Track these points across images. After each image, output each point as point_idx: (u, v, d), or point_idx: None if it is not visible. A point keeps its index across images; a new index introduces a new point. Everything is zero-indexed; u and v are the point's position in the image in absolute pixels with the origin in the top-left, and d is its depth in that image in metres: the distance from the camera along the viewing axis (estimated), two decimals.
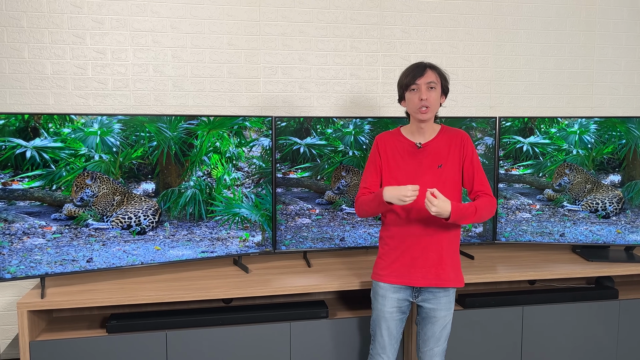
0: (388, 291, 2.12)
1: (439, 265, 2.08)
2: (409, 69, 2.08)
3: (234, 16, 2.83)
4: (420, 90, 2.03)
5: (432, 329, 2.13)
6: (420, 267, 2.08)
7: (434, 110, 2.07)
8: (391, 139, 2.16)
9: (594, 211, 2.84)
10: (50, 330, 2.35)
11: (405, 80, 2.07)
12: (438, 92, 2.07)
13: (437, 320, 2.12)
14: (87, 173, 2.29)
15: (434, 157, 2.09)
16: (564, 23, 3.20)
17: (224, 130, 2.53)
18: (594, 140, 2.81)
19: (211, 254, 2.55)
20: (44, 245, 2.25)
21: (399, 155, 2.12)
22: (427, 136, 2.12)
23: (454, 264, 2.12)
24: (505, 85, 3.17)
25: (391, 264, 2.12)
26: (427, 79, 2.03)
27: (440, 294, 2.10)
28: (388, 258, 2.13)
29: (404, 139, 2.14)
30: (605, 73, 3.26)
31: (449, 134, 2.13)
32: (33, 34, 2.63)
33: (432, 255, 2.07)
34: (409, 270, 2.09)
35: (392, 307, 2.12)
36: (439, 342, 2.14)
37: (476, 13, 3.10)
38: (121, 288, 2.35)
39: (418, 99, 2.03)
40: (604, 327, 2.66)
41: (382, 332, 2.14)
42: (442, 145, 2.10)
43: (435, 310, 2.11)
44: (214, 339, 2.33)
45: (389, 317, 2.13)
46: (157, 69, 2.77)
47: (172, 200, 2.46)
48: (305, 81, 2.94)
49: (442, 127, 2.15)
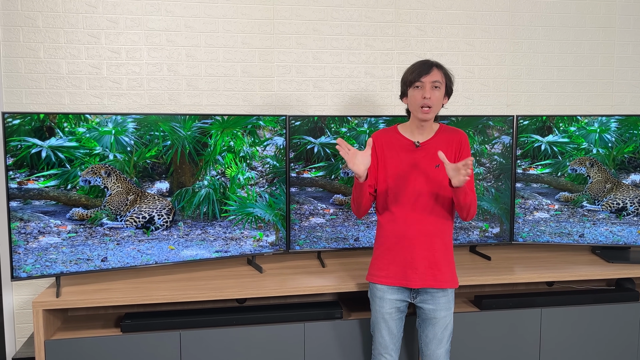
0: (386, 293, 2.11)
1: (435, 266, 2.06)
2: (415, 66, 2.05)
3: (248, 15, 2.84)
4: (424, 89, 1.99)
5: (433, 330, 2.11)
6: (416, 268, 2.05)
7: (435, 111, 2.04)
8: (388, 136, 2.13)
9: (614, 211, 2.80)
10: (65, 329, 2.37)
11: (410, 76, 2.03)
12: (442, 92, 2.04)
13: (437, 321, 2.10)
14: (107, 166, 2.30)
15: (431, 157, 2.06)
16: (583, 19, 3.16)
17: (237, 130, 2.53)
18: (614, 139, 2.77)
19: (225, 253, 2.55)
20: (59, 244, 2.27)
21: (395, 153, 2.09)
22: (426, 135, 2.09)
23: (449, 265, 2.10)
24: (523, 83, 3.14)
25: (387, 265, 2.10)
26: (433, 78, 2.00)
27: (438, 295, 2.08)
28: (384, 259, 2.11)
29: (401, 137, 2.11)
30: (626, 70, 3.21)
31: (447, 134, 2.10)
32: (48, 34, 2.65)
33: (427, 256, 2.05)
34: (405, 271, 2.07)
35: (390, 308, 2.11)
36: (441, 343, 2.11)
37: (493, 10, 3.07)
38: (135, 287, 2.36)
39: (421, 97, 2.00)
40: (625, 330, 2.62)
41: (382, 332, 2.13)
42: (440, 144, 2.07)
43: (435, 311, 2.09)
44: (228, 339, 2.34)
45: (388, 318, 2.12)
46: (171, 68, 2.79)
47: (186, 200, 2.47)
48: (320, 80, 2.94)
49: (441, 127, 2.12)
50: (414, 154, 2.07)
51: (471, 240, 2.82)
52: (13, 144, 2.17)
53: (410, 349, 2.46)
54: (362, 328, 2.44)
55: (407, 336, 2.41)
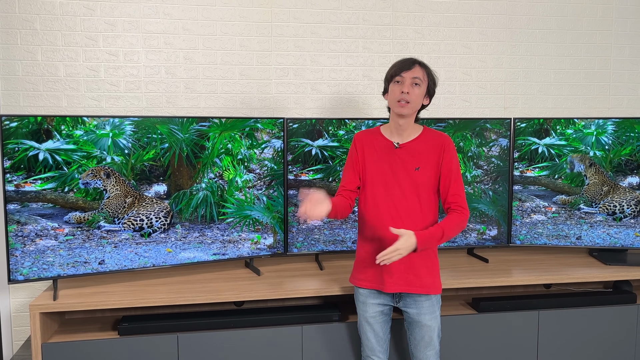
0: (368, 297, 2.10)
1: (411, 270, 2.03)
2: (397, 62, 2.04)
3: (245, 17, 2.85)
4: (403, 84, 1.97)
5: (420, 333, 2.09)
6: (393, 272, 2.03)
7: (413, 107, 1.99)
8: (370, 137, 2.11)
9: (611, 214, 2.82)
10: (62, 332, 2.37)
11: (391, 71, 2.02)
12: (422, 90, 2.01)
13: (422, 325, 2.08)
14: (106, 168, 2.31)
15: (411, 159, 2.03)
16: (580, 22, 3.18)
17: (235, 132, 2.54)
18: (611, 142, 2.79)
19: (223, 256, 2.56)
20: (56, 247, 2.27)
21: (375, 154, 2.07)
22: (406, 136, 2.05)
23: (429, 270, 2.06)
24: (520, 86, 3.15)
25: (366, 268, 2.09)
26: (414, 74, 1.98)
27: (421, 299, 2.06)
28: (363, 262, 2.11)
29: (382, 137, 2.09)
30: (623, 73, 3.23)
31: (430, 137, 2.06)
32: (46, 37, 2.66)
33: (405, 260, 1.96)
34: (382, 275, 2.05)
35: (374, 312, 2.11)
36: (429, 345, 2.09)
37: (490, 13, 3.09)
38: (133, 290, 2.36)
39: (399, 91, 1.97)
40: (622, 332, 2.63)
41: (368, 335, 2.13)
42: (421, 147, 2.04)
43: (419, 315, 2.07)
44: (225, 342, 2.34)
45: (372, 322, 2.12)
46: (169, 71, 2.79)
47: (184, 202, 2.48)
48: (317, 82, 2.95)
49: (425, 129, 2.08)
50: (393, 155, 2.04)
51: (469, 243, 2.84)
52: (10, 147, 2.17)
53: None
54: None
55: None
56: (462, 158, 2.77)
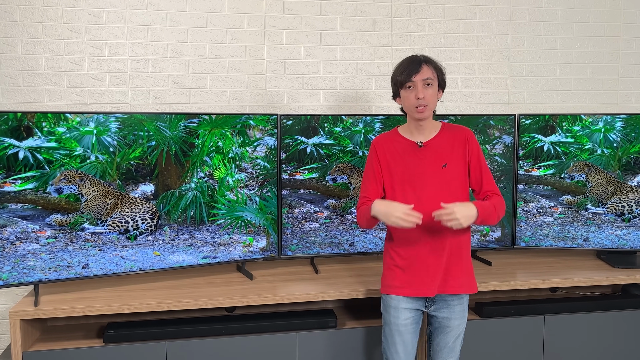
0: (400, 302, 2.07)
1: (449, 271, 2.04)
2: (403, 65, 2.02)
3: (237, 9, 2.80)
4: (416, 88, 1.97)
5: (445, 339, 2.09)
6: (430, 275, 2.03)
7: (431, 108, 2.02)
8: (389, 140, 2.10)
9: (620, 214, 2.77)
10: (44, 340, 2.35)
11: (400, 77, 2.01)
12: (435, 88, 2.02)
13: (450, 330, 2.08)
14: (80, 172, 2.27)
15: (437, 157, 2.04)
16: (587, 14, 3.14)
17: (226, 129, 2.51)
18: (619, 139, 2.76)
19: (213, 259, 2.52)
20: (37, 250, 2.24)
21: (399, 157, 2.06)
22: (428, 134, 2.06)
23: (465, 270, 2.08)
24: (525, 81, 3.12)
25: (400, 274, 2.07)
26: (424, 76, 1.98)
27: (454, 302, 2.07)
28: (396, 268, 2.09)
29: (402, 139, 2.08)
30: (632, 67, 3.20)
31: (451, 132, 2.08)
32: (26, 29, 2.61)
33: (441, 261, 2.03)
34: (419, 279, 2.04)
35: (406, 319, 2.07)
36: (452, 352, 2.10)
37: (494, 4, 3.05)
38: (119, 296, 2.34)
39: (415, 98, 1.98)
40: (631, 337, 2.61)
41: (397, 347, 2.08)
42: (445, 143, 2.05)
43: (449, 320, 2.07)
44: (216, 350, 2.32)
45: (403, 330, 2.07)
46: (156, 65, 2.75)
47: (172, 203, 2.44)
48: (313, 77, 2.91)
49: (444, 125, 2.10)
50: (418, 155, 2.05)
51: (471, 245, 2.78)
52: None
53: None
54: (357, 337, 2.42)
55: None
56: None
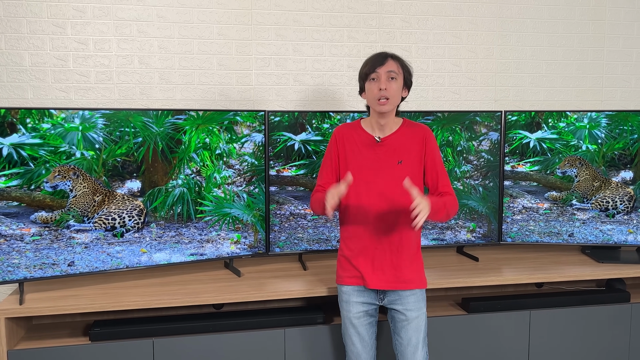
0: (352, 295, 2.12)
1: (397, 266, 2.07)
2: (369, 58, 2.07)
3: (224, 4, 2.81)
4: (379, 80, 2.01)
5: (407, 334, 2.10)
6: (377, 268, 2.07)
7: (394, 102, 2.04)
8: (350, 131, 2.14)
9: (604, 210, 2.84)
10: (29, 339, 2.34)
11: (364, 69, 2.06)
12: (399, 83, 2.05)
13: (409, 322, 2.09)
14: (73, 167, 2.27)
15: (393, 153, 2.07)
16: (573, 12, 3.19)
17: (213, 126, 2.52)
18: (604, 135, 2.81)
19: (201, 256, 2.54)
20: (22, 248, 2.23)
21: (357, 149, 2.10)
22: (387, 130, 2.10)
23: (414, 265, 2.11)
24: (511, 78, 3.17)
25: (346, 265, 2.13)
26: (388, 68, 2.01)
27: (406, 294, 2.09)
28: (342, 258, 2.14)
29: (363, 132, 2.12)
30: (616, 64, 3.26)
31: (411, 129, 2.11)
32: (10, 24, 2.60)
33: (389, 256, 2.06)
34: (368, 271, 2.08)
35: (358, 312, 2.12)
36: (417, 349, 2.09)
37: (480, 1, 3.09)
38: (105, 293, 2.34)
39: (377, 89, 2.01)
40: (615, 331, 2.66)
41: (353, 339, 2.13)
42: (402, 140, 2.09)
43: (406, 311, 2.09)
44: (204, 347, 2.32)
45: (357, 323, 2.12)
46: (142, 61, 2.75)
47: (159, 200, 2.45)
48: (300, 73, 2.93)
49: (404, 121, 2.13)
50: (375, 149, 2.08)
51: (458, 241, 2.84)
52: None
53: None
54: None
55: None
56: (451, 152, 2.77)
